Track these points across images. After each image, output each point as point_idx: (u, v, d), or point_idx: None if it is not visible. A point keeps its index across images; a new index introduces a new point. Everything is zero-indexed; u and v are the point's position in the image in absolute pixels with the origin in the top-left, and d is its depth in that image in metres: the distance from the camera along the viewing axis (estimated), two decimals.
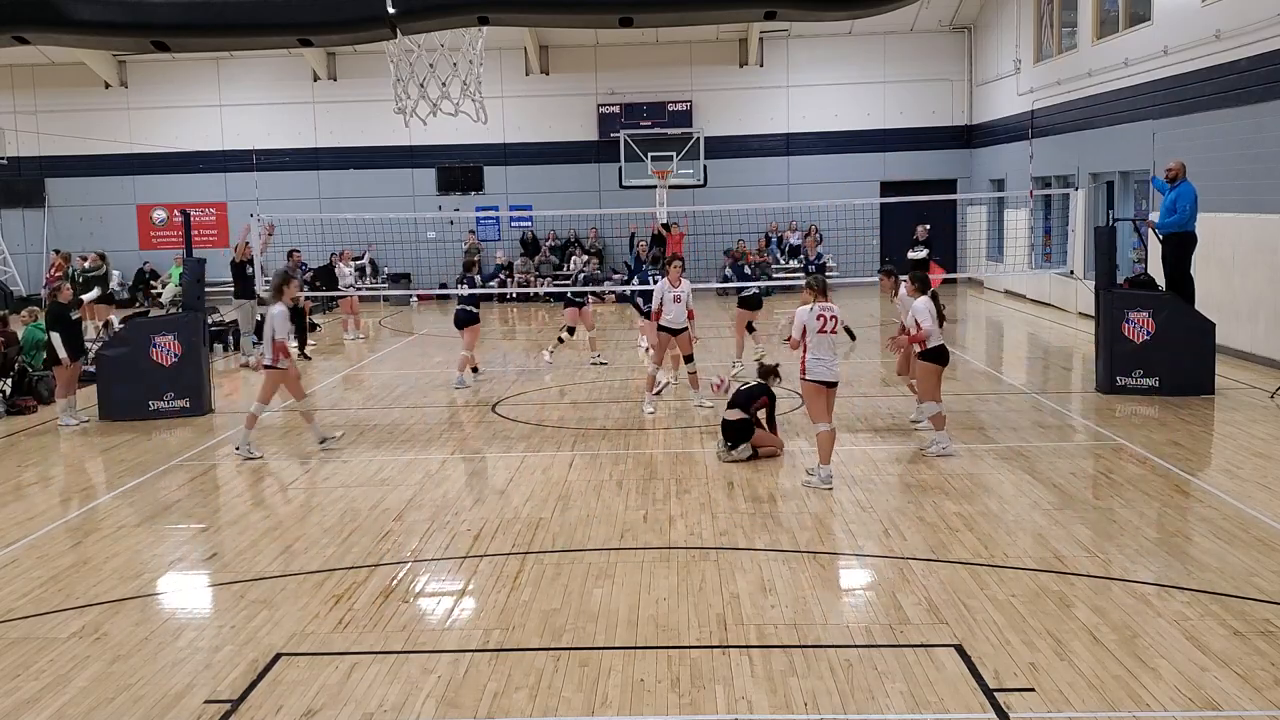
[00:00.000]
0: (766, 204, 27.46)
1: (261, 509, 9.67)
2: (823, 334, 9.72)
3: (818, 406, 9.82)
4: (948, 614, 6.79)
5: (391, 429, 13.03)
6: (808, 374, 9.76)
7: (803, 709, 5.60)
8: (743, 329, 16.20)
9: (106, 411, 13.80)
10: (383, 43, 14.86)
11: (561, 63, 29.93)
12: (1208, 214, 14.97)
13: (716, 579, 7.52)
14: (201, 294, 14.49)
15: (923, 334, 10.64)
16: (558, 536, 8.63)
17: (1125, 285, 14.49)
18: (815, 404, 9.84)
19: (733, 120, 29.62)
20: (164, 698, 5.95)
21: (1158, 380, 13.36)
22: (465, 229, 29.47)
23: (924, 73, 29.46)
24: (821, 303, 9.82)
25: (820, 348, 9.72)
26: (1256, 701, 5.58)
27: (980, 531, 8.43)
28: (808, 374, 9.76)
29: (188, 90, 30.14)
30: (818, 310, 9.75)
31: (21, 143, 30.21)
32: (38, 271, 29.45)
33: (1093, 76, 21.21)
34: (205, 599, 7.69)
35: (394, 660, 6.35)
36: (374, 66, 25.74)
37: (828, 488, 9.70)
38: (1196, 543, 8.12)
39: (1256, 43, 15.49)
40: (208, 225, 29.95)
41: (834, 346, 9.83)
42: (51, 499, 10.44)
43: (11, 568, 8.25)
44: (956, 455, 10.72)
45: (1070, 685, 5.78)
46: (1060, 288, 22.66)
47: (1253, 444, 11.02)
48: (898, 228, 26.37)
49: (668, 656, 6.28)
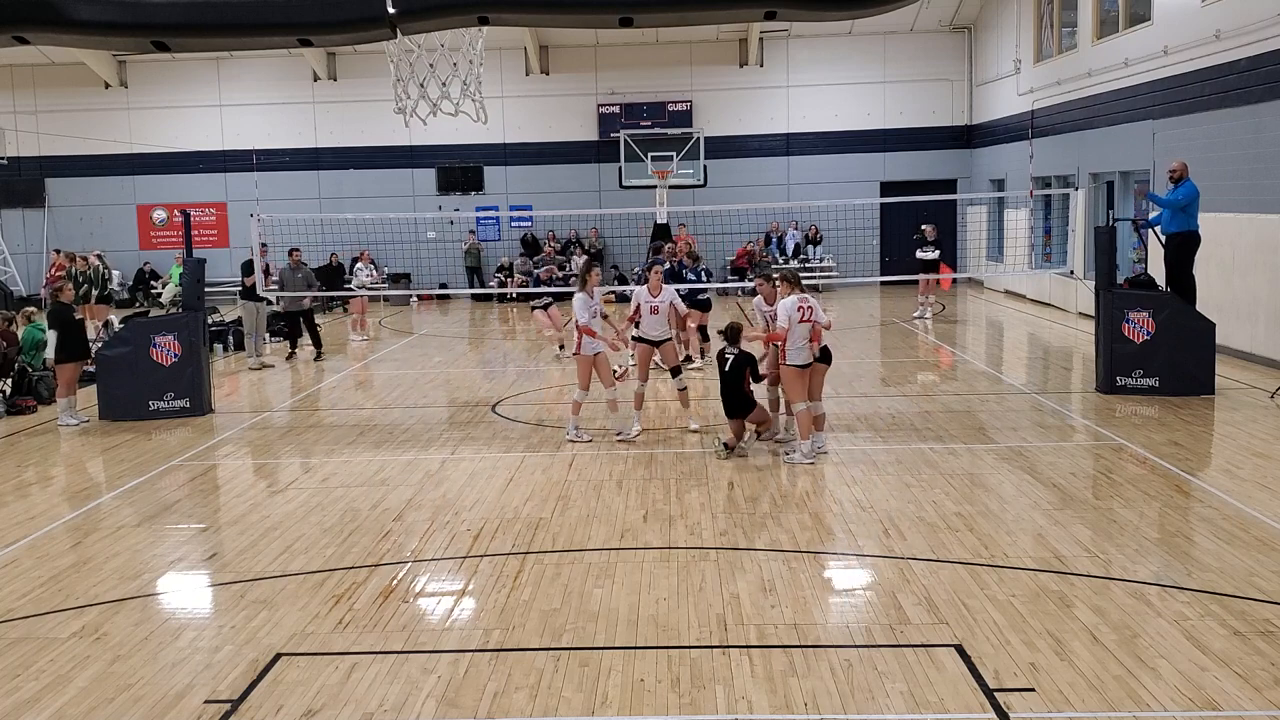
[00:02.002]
0: (766, 204, 27.46)
1: (261, 509, 9.67)
2: (803, 323, 10.52)
3: (798, 389, 10.63)
4: (948, 614, 6.79)
5: (391, 429, 13.03)
6: (789, 360, 10.59)
7: (803, 709, 5.60)
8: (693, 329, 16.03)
9: (106, 411, 13.80)
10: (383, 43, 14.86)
11: (561, 63, 29.93)
12: (1208, 214, 14.97)
13: (716, 579, 7.52)
14: (201, 294, 14.49)
15: (779, 334, 10.64)
16: (558, 536, 8.63)
17: (1125, 285, 14.50)
18: (797, 387, 10.64)
19: (733, 120, 29.63)
20: (164, 698, 5.95)
21: (1158, 380, 13.36)
22: (465, 229, 29.49)
23: (924, 73, 29.47)
24: (799, 293, 10.64)
25: (799, 335, 10.52)
26: (1256, 701, 5.58)
27: (980, 531, 8.43)
28: (789, 360, 10.59)
29: (188, 90, 30.15)
30: (798, 301, 10.55)
31: (21, 143, 30.22)
32: (38, 271, 29.46)
33: (1093, 76, 21.22)
34: (205, 599, 7.69)
35: (394, 660, 6.35)
36: (374, 66, 25.78)
37: (810, 462, 10.38)
38: (1196, 543, 8.11)
39: (1256, 43, 15.49)
40: (208, 225, 29.96)
41: (808, 333, 10.59)
42: (51, 499, 10.43)
43: (11, 568, 8.25)
44: (817, 460, 10.64)
45: (1070, 685, 5.78)
46: (1060, 288, 22.66)
47: (1253, 444, 11.02)
48: (898, 228, 26.39)
49: (668, 656, 6.28)
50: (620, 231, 29.01)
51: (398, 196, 29.76)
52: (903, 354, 18.03)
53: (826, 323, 10.90)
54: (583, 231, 30.00)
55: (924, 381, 15.67)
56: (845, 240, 25.49)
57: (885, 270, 27.37)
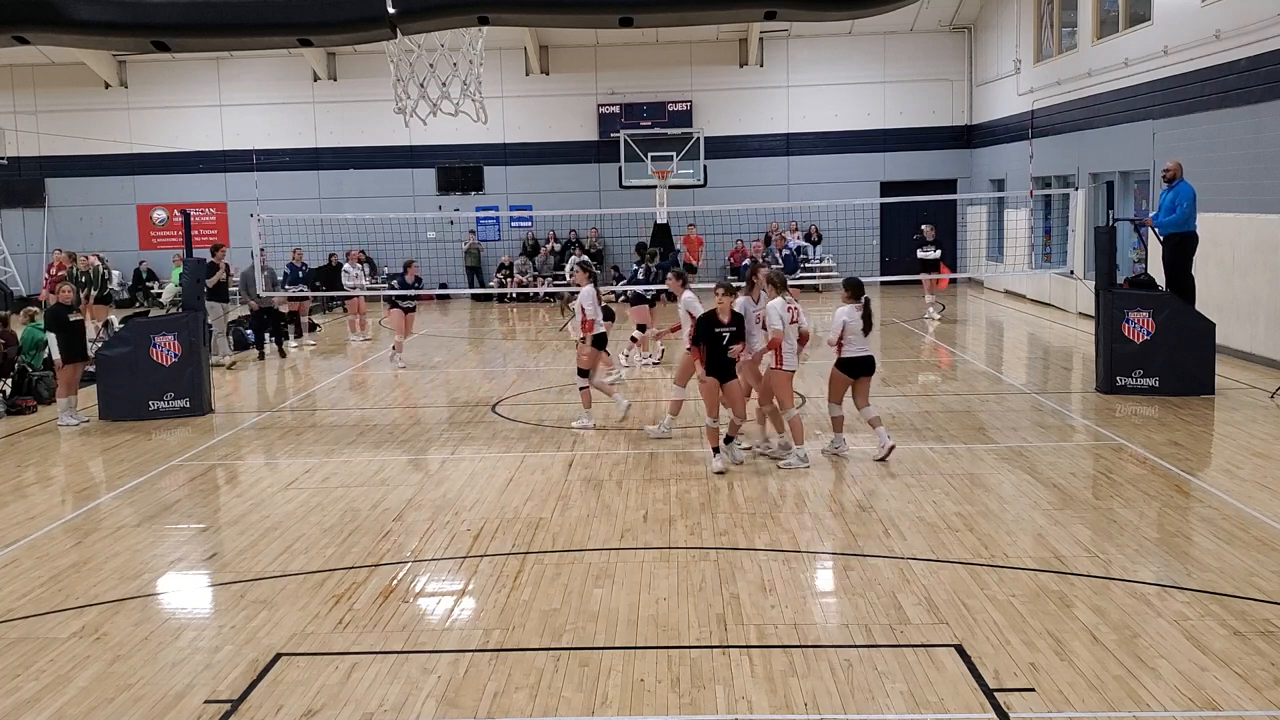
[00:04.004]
0: (766, 204, 27.45)
1: (261, 509, 9.67)
2: (792, 325, 10.54)
3: (789, 392, 10.65)
4: (948, 614, 6.79)
5: (391, 429, 13.03)
6: (784, 365, 10.52)
7: (803, 709, 5.60)
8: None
9: (106, 411, 13.79)
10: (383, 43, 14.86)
11: (561, 63, 29.93)
12: (1208, 214, 14.98)
13: (716, 579, 7.52)
14: (201, 294, 14.49)
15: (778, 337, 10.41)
16: (558, 536, 8.62)
17: (1125, 285, 14.49)
18: (788, 391, 10.65)
19: (733, 120, 29.62)
20: (164, 698, 5.95)
21: (1158, 380, 13.36)
22: (465, 229, 29.48)
23: (924, 73, 29.46)
24: (785, 296, 10.60)
25: (788, 339, 10.51)
26: (1256, 701, 5.58)
27: (980, 531, 8.43)
28: (784, 365, 10.52)
29: (188, 90, 30.14)
30: (785, 304, 10.53)
31: (21, 143, 30.20)
32: (38, 271, 29.44)
33: (1093, 76, 21.21)
34: (205, 599, 7.69)
35: (394, 660, 6.35)
36: (374, 66, 25.76)
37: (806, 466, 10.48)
38: (1196, 543, 8.12)
39: (1256, 43, 15.49)
40: (208, 225, 29.93)
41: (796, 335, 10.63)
42: (51, 499, 10.44)
43: (11, 568, 8.25)
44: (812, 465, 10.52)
45: (1070, 685, 5.78)
46: (1060, 288, 22.66)
47: (1253, 444, 11.02)
48: (898, 228, 26.39)
49: (668, 656, 6.28)
50: (620, 232, 28.98)
51: (398, 196, 29.75)
52: (903, 354, 18.03)
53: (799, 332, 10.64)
54: (582, 232, 29.99)
55: (924, 381, 15.67)
56: (845, 240, 25.47)
57: (885, 270, 27.36)
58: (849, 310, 10.61)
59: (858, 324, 10.56)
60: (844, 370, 10.74)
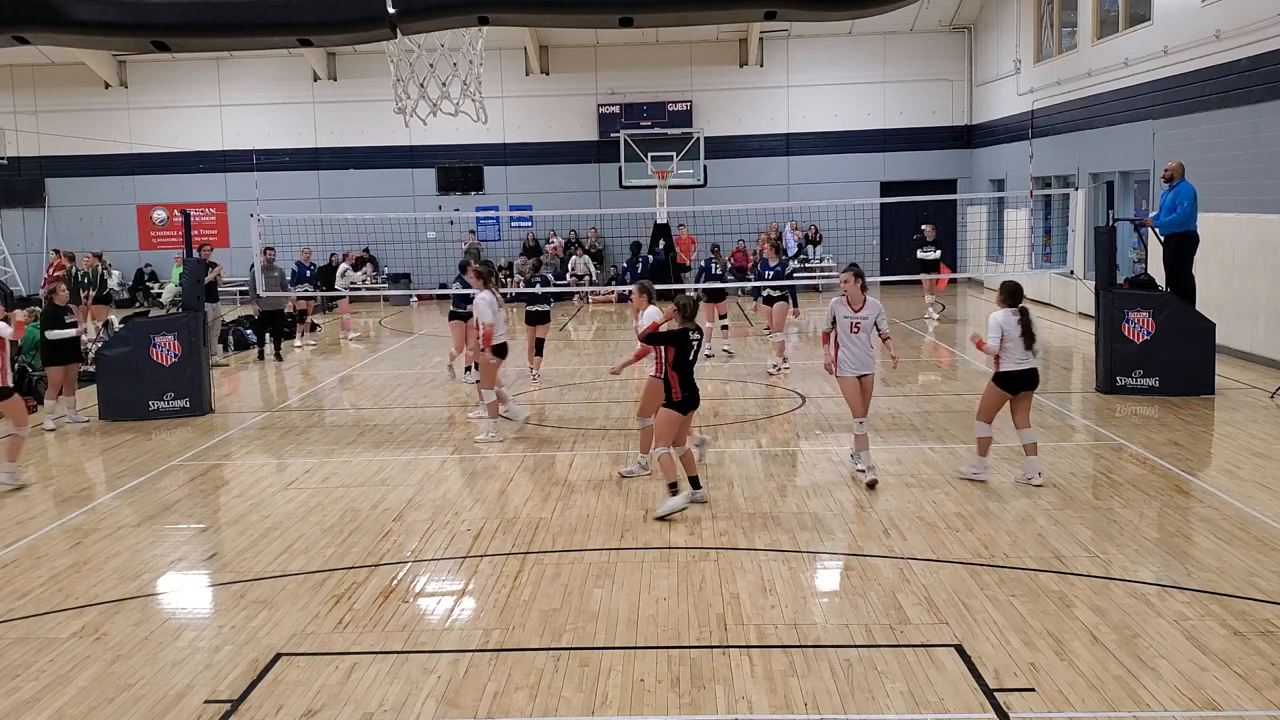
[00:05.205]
0: (766, 204, 27.45)
1: (261, 509, 9.67)
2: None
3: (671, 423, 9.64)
4: (948, 614, 6.79)
5: (391, 429, 13.03)
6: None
7: (803, 709, 5.60)
8: (532, 342, 16.24)
9: (106, 411, 13.80)
10: (383, 43, 14.86)
11: (561, 63, 29.92)
12: (1208, 214, 14.97)
13: (716, 579, 7.52)
14: (201, 294, 14.49)
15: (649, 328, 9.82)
16: (558, 536, 8.62)
17: (1125, 285, 14.49)
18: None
19: (733, 120, 29.61)
20: (164, 698, 5.95)
21: (1158, 380, 13.36)
22: (465, 229, 29.48)
23: (924, 73, 29.45)
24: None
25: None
26: (1256, 701, 5.58)
27: (980, 531, 8.43)
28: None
29: (188, 90, 30.13)
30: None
31: (21, 143, 30.19)
32: (38, 271, 29.44)
33: (1093, 76, 21.21)
34: (205, 599, 7.69)
35: (394, 660, 6.35)
36: (374, 66, 25.76)
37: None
38: (1196, 543, 8.11)
39: (1256, 43, 15.48)
40: (208, 225, 29.93)
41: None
42: (51, 499, 10.43)
43: (11, 568, 8.25)
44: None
45: (1070, 685, 5.78)
46: (1060, 288, 22.66)
47: (1253, 444, 11.02)
48: (898, 228, 26.38)
49: (668, 656, 6.28)
50: (620, 232, 28.99)
51: (398, 196, 29.73)
52: (902, 354, 17.98)
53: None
54: (582, 232, 29.99)
55: (924, 381, 15.67)
56: (845, 240, 25.45)
57: (885, 270, 27.35)
58: (1004, 315, 9.49)
59: (1015, 331, 9.42)
60: (1002, 385, 9.65)
